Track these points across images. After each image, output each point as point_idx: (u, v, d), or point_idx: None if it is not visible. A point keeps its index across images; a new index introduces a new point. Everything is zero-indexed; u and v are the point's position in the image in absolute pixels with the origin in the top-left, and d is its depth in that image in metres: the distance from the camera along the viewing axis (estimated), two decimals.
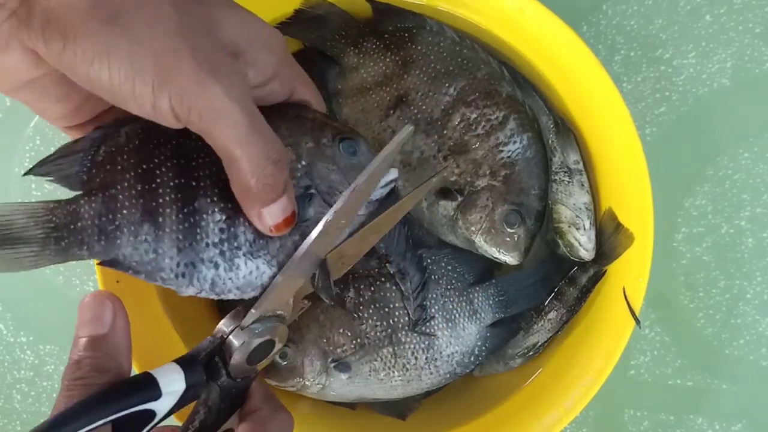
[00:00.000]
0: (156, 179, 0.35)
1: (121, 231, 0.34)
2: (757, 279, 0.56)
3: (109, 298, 0.34)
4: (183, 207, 0.35)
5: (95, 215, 0.34)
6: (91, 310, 0.33)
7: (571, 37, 0.45)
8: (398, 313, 0.48)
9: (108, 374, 0.32)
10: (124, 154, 0.35)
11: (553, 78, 0.48)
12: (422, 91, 0.48)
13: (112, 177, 0.35)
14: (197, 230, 0.35)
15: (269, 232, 0.34)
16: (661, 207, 0.48)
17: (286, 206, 0.34)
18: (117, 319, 0.33)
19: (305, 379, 0.48)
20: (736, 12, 0.55)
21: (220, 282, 0.36)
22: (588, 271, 0.49)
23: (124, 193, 0.35)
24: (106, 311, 0.33)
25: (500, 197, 0.47)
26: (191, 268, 0.35)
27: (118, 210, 0.34)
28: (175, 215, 0.35)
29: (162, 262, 0.35)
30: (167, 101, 0.31)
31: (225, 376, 0.34)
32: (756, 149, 0.56)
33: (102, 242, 0.34)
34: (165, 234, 0.35)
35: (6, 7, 0.30)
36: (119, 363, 0.33)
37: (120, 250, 0.34)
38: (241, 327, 0.34)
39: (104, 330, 0.33)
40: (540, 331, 0.50)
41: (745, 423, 0.56)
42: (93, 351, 0.32)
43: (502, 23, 0.47)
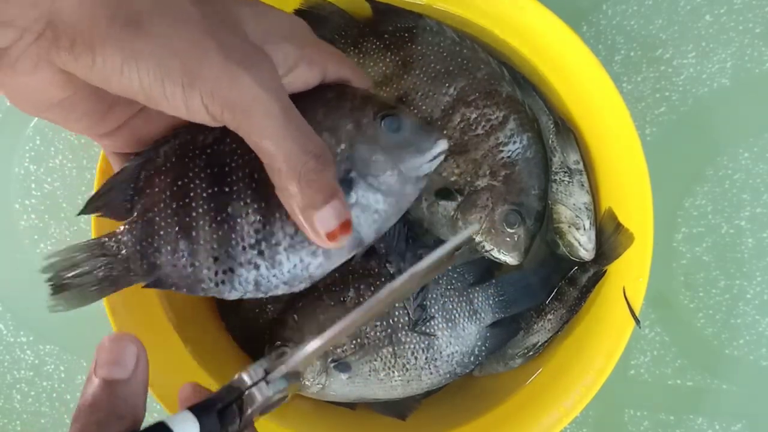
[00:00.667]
0: (189, 193, 0.35)
1: (159, 252, 0.35)
2: (757, 279, 0.56)
3: (134, 342, 0.32)
4: (216, 216, 0.35)
5: (136, 241, 0.36)
6: (113, 351, 0.31)
7: (571, 37, 0.45)
8: (398, 313, 0.48)
9: (124, 422, 0.30)
10: (161, 174, 0.36)
11: (553, 78, 0.48)
12: (422, 91, 0.48)
13: (150, 200, 0.36)
14: (231, 236, 0.35)
15: (325, 243, 0.33)
16: (661, 207, 0.48)
17: (339, 210, 0.33)
18: (139, 364, 0.31)
19: (305, 379, 0.48)
20: (736, 12, 0.55)
21: (264, 281, 0.35)
22: (588, 271, 0.49)
23: (161, 214, 0.36)
24: (129, 355, 0.31)
25: (500, 197, 0.47)
26: (230, 274, 0.35)
27: (156, 232, 0.35)
28: (208, 226, 0.35)
29: (200, 274, 0.35)
30: (199, 99, 0.31)
31: (237, 425, 0.33)
32: (756, 149, 0.56)
33: (144, 266, 0.35)
34: (200, 246, 0.35)
35: (32, 30, 0.30)
36: (136, 411, 0.31)
37: (161, 270, 0.35)
38: (267, 381, 0.33)
39: (125, 375, 0.31)
40: (540, 331, 0.50)
41: (745, 423, 0.56)
42: (111, 396, 0.30)
43: (502, 23, 0.47)
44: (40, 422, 0.58)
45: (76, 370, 0.58)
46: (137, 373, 0.31)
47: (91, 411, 0.30)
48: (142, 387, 0.32)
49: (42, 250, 0.57)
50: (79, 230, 0.57)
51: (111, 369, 0.31)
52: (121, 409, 0.30)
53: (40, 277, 0.36)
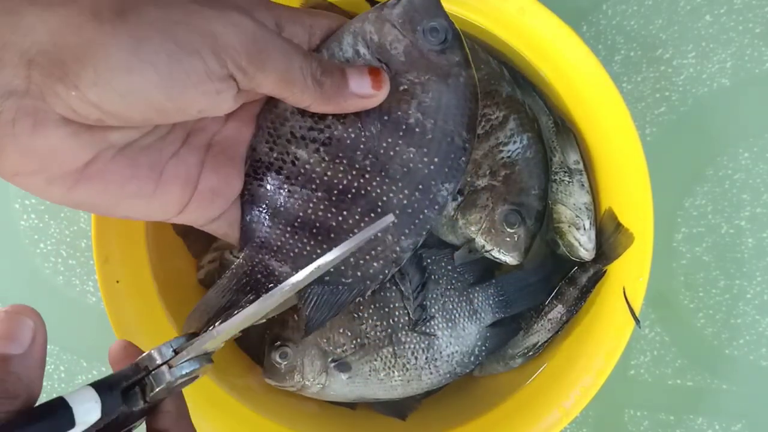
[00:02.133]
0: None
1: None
2: (757, 279, 0.56)
3: (30, 315, 0.29)
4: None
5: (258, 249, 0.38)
6: (8, 325, 0.28)
7: (571, 37, 0.45)
8: (398, 313, 0.48)
9: (17, 401, 0.28)
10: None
11: (553, 78, 0.48)
12: None
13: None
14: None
15: (379, 94, 0.35)
16: (661, 207, 0.48)
17: (359, 69, 0.34)
18: (36, 340, 0.29)
19: (305, 379, 0.48)
20: (736, 12, 0.55)
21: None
22: (588, 271, 0.49)
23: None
24: (25, 330, 0.29)
25: (500, 197, 0.47)
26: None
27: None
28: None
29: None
30: (218, 59, 0.30)
31: (143, 404, 0.32)
32: (756, 149, 0.56)
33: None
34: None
35: (18, 76, 0.27)
36: (31, 388, 0.29)
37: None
38: (170, 365, 0.32)
39: (20, 350, 0.28)
40: (540, 331, 0.50)
41: (745, 423, 0.56)
42: (3, 372, 0.28)
43: (501, 23, 0.47)
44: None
45: (76, 370, 0.58)
46: (33, 349, 0.29)
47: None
48: (39, 364, 0.29)
49: (42, 250, 0.57)
50: (79, 230, 0.57)
51: (5, 344, 0.28)
52: (15, 387, 0.28)
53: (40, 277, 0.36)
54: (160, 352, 0.33)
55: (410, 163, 0.36)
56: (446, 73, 0.36)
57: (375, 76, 0.35)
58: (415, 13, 0.36)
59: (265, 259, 0.37)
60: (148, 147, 0.33)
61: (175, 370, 0.32)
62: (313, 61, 0.33)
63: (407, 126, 0.36)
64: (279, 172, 0.37)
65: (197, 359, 0.33)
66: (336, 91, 0.34)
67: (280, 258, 0.37)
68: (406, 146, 0.36)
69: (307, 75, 0.33)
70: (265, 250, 0.37)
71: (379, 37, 0.36)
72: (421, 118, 0.36)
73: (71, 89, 0.27)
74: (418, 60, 0.36)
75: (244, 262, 0.38)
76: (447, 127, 0.36)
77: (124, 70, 0.28)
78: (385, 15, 0.36)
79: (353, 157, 0.36)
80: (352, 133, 0.36)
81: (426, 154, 0.36)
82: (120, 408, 0.31)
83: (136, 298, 0.47)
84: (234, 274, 0.38)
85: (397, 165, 0.36)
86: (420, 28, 0.36)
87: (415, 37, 0.36)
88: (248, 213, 0.37)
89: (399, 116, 0.36)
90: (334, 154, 0.36)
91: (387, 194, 0.36)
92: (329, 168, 0.37)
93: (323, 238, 0.37)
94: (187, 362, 0.33)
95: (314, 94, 0.33)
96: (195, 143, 0.35)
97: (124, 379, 0.31)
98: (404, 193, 0.36)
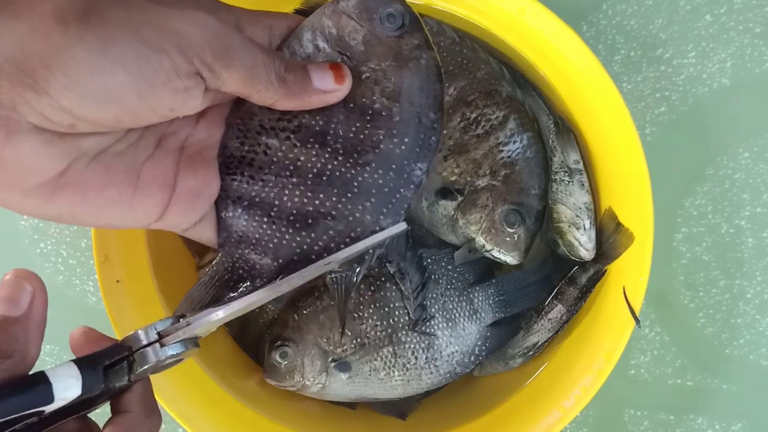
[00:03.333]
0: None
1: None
2: (757, 279, 0.56)
3: (31, 280, 0.30)
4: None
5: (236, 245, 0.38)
6: (7, 288, 0.30)
7: (571, 37, 0.45)
8: (398, 312, 0.48)
9: (9, 360, 0.29)
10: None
11: (552, 78, 0.48)
12: None
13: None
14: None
15: (341, 90, 0.35)
16: (661, 207, 0.48)
17: (319, 65, 0.35)
18: (35, 304, 0.30)
19: (305, 379, 0.48)
20: (736, 12, 0.55)
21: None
22: (588, 271, 0.49)
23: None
24: (24, 293, 0.30)
25: (500, 197, 0.47)
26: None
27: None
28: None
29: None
30: (184, 56, 0.30)
31: (127, 381, 0.32)
32: (756, 149, 0.56)
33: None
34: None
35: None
36: (25, 350, 0.30)
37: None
38: (161, 344, 0.33)
39: (17, 313, 0.30)
40: (540, 330, 0.50)
41: (745, 423, 0.56)
42: (1, 332, 0.29)
43: (502, 23, 0.47)
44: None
45: None
46: (32, 312, 0.30)
47: None
48: (37, 327, 0.30)
49: (42, 250, 0.57)
50: (79, 230, 0.57)
51: (3, 306, 0.30)
52: (9, 347, 0.29)
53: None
54: (146, 332, 0.33)
55: (381, 144, 0.37)
56: (406, 57, 0.37)
57: (336, 71, 0.35)
58: (371, 2, 0.36)
59: (245, 253, 0.37)
60: (122, 153, 0.33)
61: (163, 351, 0.32)
62: (276, 58, 0.34)
63: (373, 111, 0.37)
64: (251, 164, 0.37)
65: (185, 342, 0.33)
66: (300, 88, 0.34)
67: (260, 250, 0.37)
68: (375, 129, 0.37)
69: (270, 72, 0.33)
70: (243, 245, 0.37)
71: (337, 29, 0.36)
72: (387, 102, 0.37)
73: (42, 95, 0.28)
74: (378, 47, 0.37)
75: (224, 259, 0.37)
76: (413, 109, 0.37)
77: (94, 71, 0.28)
78: (341, 7, 0.36)
79: (325, 141, 0.37)
80: (320, 121, 0.37)
81: (395, 135, 0.37)
82: (101, 385, 0.31)
83: (136, 298, 0.47)
84: (215, 272, 0.37)
85: (368, 147, 0.37)
86: (376, 16, 0.36)
87: (373, 26, 0.36)
88: (223, 209, 0.37)
89: (364, 103, 0.37)
90: (305, 139, 0.37)
91: (362, 174, 0.37)
92: (302, 152, 0.37)
93: (301, 225, 0.37)
94: (175, 344, 0.33)
95: (279, 91, 0.34)
96: (168, 146, 0.35)
97: (108, 356, 0.31)
98: (378, 173, 0.37)
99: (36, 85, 0.27)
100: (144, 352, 0.32)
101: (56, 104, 0.28)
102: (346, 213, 0.37)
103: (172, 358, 0.33)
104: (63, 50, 0.28)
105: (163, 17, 0.30)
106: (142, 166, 0.34)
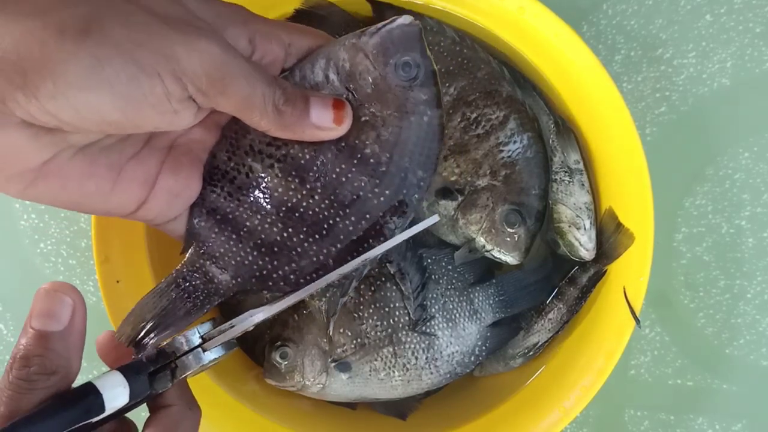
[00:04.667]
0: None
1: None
2: (757, 279, 0.56)
3: (70, 293, 0.31)
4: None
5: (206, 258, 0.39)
6: (47, 301, 0.30)
7: (572, 37, 0.45)
8: (398, 312, 0.48)
9: (55, 377, 0.29)
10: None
11: (553, 78, 0.48)
12: None
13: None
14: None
15: (339, 130, 0.35)
16: (661, 207, 0.48)
17: (323, 99, 0.34)
18: (75, 317, 0.30)
19: (305, 379, 0.48)
20: (736, 12, 0.55)
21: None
22: (588, 271, 0.49)
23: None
24: (65, 307, 0.30)
25: (500, 197, 0.47)
26: None
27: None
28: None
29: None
30: (178, 83, 0.30)
31: (170, 386, 0.33)
32: (756, 149, 0.56)
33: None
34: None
35: None
36: (68, 365, 0.30)
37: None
38: (204, 349, 0.33)
39: (59, 327, 0.30)
40: (540, 331, 0.50)
41: (745, 423, 0.56)
42: (43, 348, 0.29)
43: (502, 23, 0.47)
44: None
45: None
46: (73, 326, 0.30)
47: (23, 364, 0.29)
48: (77, 340, 0.31)
49: (42, 250, 0.57)
50: (79, 230, 0.57)
51: (44, 320, 0.30)
52: (52, 364, 0.29)
53: (40, 277, 0.36)
54: (187, 338, 0.34)
55: (360, 191, 0.36)
56: (411, 110, 0.36)
57: (338, 111, 0.35)
58: (391, 45, 0.35)
59: (206, 264, 0.37)
60: (109, 147, 0.33)
61: (206, 356, 0.33)
62: (277, 89, 0.33)
63: (362, 155, 0.36)
64: (232, 181, 0.37)
65: (224, 344, 0.34)
66: (295, 121, 0.34)
67: (222, 265, 0.37)
68: (358, 174, 0.36)
69: (268, 102, 0.33)
70: (207, 255, 0.37)
71: (351, 65, 0.36)
72: (378, 150, 0.36)
73: (30, 98, 0.28)
74: (385, 93, 0.36)
75: (184, 266, 0.37)
76: (402, 163, 0.36)
77: (81, 87, 0.28)
78: (361, 43, 0.36)
79: (305, 177, 0.36)
80: (307, 155, 0.36)
81: (377, 185, 0.36)
82: (147, 392, 0.31)
83: (136, 298, 0.46)
84: (173, 279, 0.37)
85: (347, 191, 0.36)
86: (392, 61, 0.35)
87: (386, 70, 0.35)
88: (196, 216, 0.37)
89: (356, 145, 0.36)
90: (288, 171, 0.36)
91: (334, 218, 0.37)
92: (281, 184, 0.36)
93: (266, 251, 0.37)
94: (217, 348, 0.34)
95: (273, 121, 0.33)
96: (157, 145, 0.35)
97: (152, 363, 0.32)
98: (351, 219, 0.36)
99: (26, 88, 0.28)
100: (184, 358, 0.33)
101: (43, 109, 0.28)
102: (311, 253, 0.37)
103: (213, 362, 0.34)
104: (56, 61, 0.28)
105: (164, 40, 0.30)
106: (127, 162, 0.34)
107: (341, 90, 0.36)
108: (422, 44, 0.35)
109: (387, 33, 0.35)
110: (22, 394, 0.29)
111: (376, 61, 0.35)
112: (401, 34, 0.35)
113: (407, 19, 0.35)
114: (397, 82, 0.35)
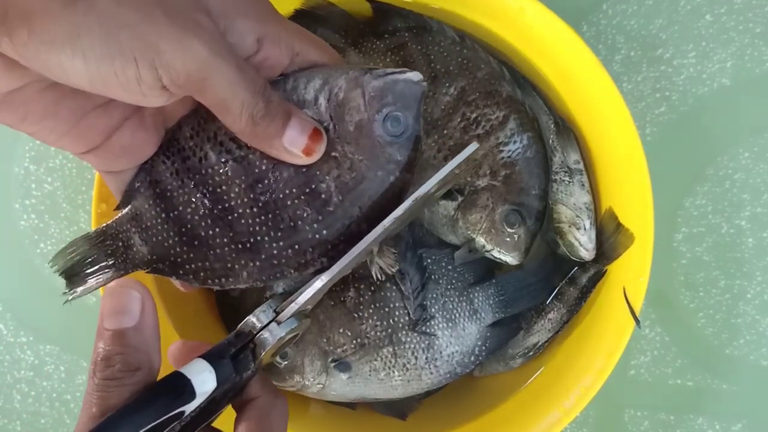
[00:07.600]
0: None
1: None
2: (757, 279, 0.56)
3: (136, 287, 0.31)
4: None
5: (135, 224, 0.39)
6: (117, 299, 0.30)
7: (572, 37, 0.45)
8: (398, 312, 0.48)
9: (140, 372, 0.30)
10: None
11: (553, 78, 0.48)
12: None
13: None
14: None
15: (305, 159, 0.34)
16: (661, 207, 0.48)
17: (302, 124, 0.33)
18: (146, 310, 0.31)
19: (305, 379, 0.48)
20: (736, 12, 0.55)
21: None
22: (588, 271, 0.49)
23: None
24: (134, 301, 0.30)
25: (500, 197, 0.47)
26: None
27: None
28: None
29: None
30: (153, 73, 0.29)
31: (251, 371, 0.33)
32: (756, 149, 0.56)
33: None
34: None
35: None
36: (149, 359, 0.30)
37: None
38: (278, 322, 0.33)
39: (132, 323, 0.30)
40: (540, 331, 0.50)
41: (745, 423, 0.56)
42: (122, 346, 0.30)
43: (502, 23, 0.47)
44: (40, 422, 0.58)
45: (76, 370, 0.58)
46: (145, 318, 0.30)
47: (105, 365, 0.29)
48: (153, 333, 0.31)
49: (42, 250, 0.57)
50: (78, 230, 0.57)
51: (117, 318, 0.30)
52: (135, 359, 0.30)
53: (40, 277, 0.36)
54: (260, 316, 0.34)
55: (299, 221, 0.36)
56: (380, 165, 0.35)
57: (312, 141, 0.34)
58: (390, 95, 0.34)
59: (131, 230, 0.37)
60: (79, 90, 0.32)
61: (281, 328, 0.33)
62: (260, 100, 0.32)
63: (316, 188, 0.35)
64: (185, 160, 0.36)
65: (296, 316, 0.34)
66: (267, 137, 0.33)
67: (144, 237, 0.37)
68: (304, 204, 0.35)
69: (246, 112, 0.32)
70: (134, 222, 0.37)
71: (344, 97, 0.35)
72: (333, 188, 0.35)
73: (4, 36, 0.28)
74: (364, 138, 0.35)
75: (114, 224, 0.38)
76: (351, 211, 0.35)
77: (53, 49, 0.28)
78: (363, 80, 0.35)
79: (253, 186, 0.36)
80: (263, 165, 0.35)
81: (319, 222, 0.35)
82: (232, 375, 0.31)
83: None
84: (103, 232, 0.38)
85: (286, 216, 0.36)
86: (385, 111, 0.34)
87: (374, 117, 0.35)
88: (140, 180, 0.37)
89: (314, 177, 0.35)
90: (239, 174, 0.36)
91: (262, 236, 0.36)
92: (226, 183, 0.36)
93: (187, 241, 0.37)
94: (290, 319, 0.34)
95: (244, 129, 0.33)
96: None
97: (232, 346, 0.32)
98: (279, 244, 0.36)
99: (2, 26, 0.28)
100: (262, 336, 0.33)
101: (15, 50, 0.28)
102: (228, 260, 0.36)
103: (290, 333, 0.34)
104: (36, 15, 0.27)
105: (154, 27, 0.29)
106: (92, 110, 0.34)
107: (324, 117, 0.35)
108: (419, 107, 0.35)
109: (391, 82, 0.35)
110: (110, 392, 0.29)
111: (370, 104, 0.34)
112: (404, 88, 0.35)
113: (416, 77, 0.35)
114: (381, 132, 0.35)
